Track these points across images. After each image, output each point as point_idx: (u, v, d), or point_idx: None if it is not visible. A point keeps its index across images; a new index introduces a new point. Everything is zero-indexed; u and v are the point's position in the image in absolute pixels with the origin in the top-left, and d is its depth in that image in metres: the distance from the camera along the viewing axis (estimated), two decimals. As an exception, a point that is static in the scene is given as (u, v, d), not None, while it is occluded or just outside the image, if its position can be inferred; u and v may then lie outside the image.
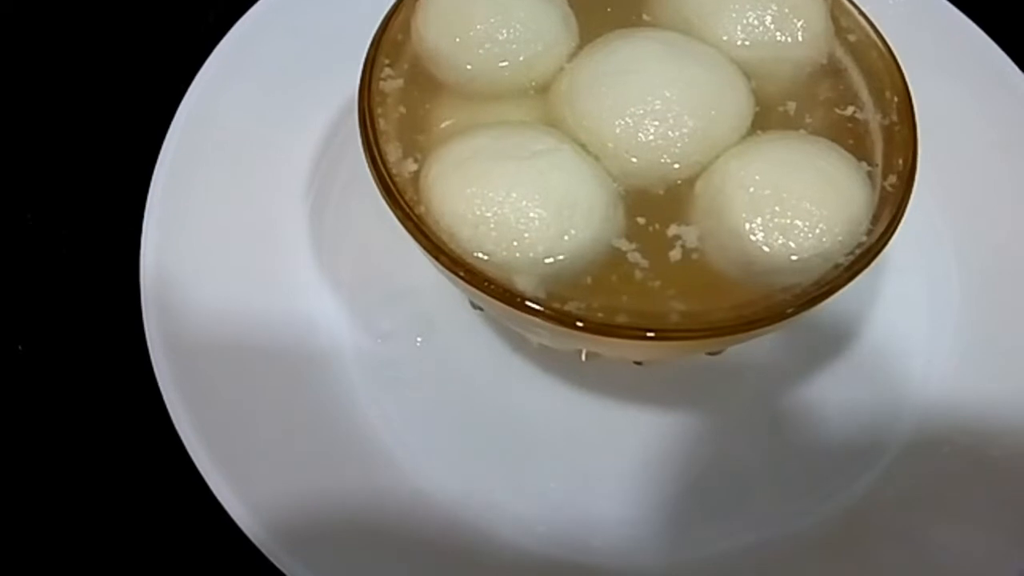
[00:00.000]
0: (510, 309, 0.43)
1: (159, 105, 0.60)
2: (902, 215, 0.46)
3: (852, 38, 0.53)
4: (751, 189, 0.46)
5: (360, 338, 0.57)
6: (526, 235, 0.44)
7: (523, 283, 0.44)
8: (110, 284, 0.58)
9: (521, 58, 0.50)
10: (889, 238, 0.45)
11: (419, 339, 0.58)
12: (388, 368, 0.57)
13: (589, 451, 0.55)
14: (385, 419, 0.55)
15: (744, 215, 0.45)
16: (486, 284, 0.43)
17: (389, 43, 0.51)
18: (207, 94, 0.60)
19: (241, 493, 0.49)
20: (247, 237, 0.58)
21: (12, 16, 0.70)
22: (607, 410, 0.56)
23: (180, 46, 0.66)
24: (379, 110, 0.49)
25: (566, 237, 0.44)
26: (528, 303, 0.43)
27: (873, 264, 0.45)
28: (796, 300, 0.44)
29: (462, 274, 0.44)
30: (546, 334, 0.46)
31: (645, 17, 0.54)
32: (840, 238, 0.45)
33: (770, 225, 0.45)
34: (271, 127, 0.61)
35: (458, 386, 0.57)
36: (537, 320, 0.43)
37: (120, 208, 0.59)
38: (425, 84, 0.51)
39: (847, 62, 0.53)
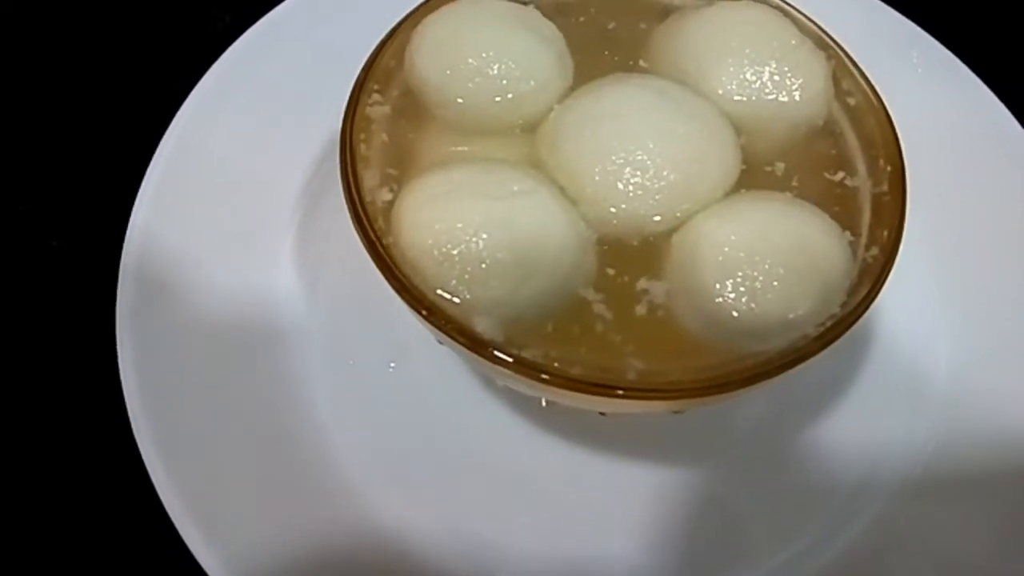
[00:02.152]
0: (464, 350, 0.43)
1: (156, 107, 0.60)
2: (879, 290, 0.45)
3: (852, 101, 0.52)
4: (725, 249, 0.45)
5: (335, 362, 0.56)
6: (489, 277, 0.43)
7: (482, 325, 0.43)
8: (87, 297, 0.57)
9: (511, 95, 0.50)
10: (862, 313, 0.44)
11: (392, 364, 0.58)
12: (359, 390, 0.56)
13: (572, 499, 0.55)
14: (354, 448, 0.54)
15: (715, 275, 0.44)
16: (443, 323, 0.43)
17: (380, 69, 0.50)
18: (201, 109, 0.60)
19: (202, 524, 0.48)
20: (226, 254, 0.57)
21: (12, 16, 0.71)
22: (575, 455, 0.55)
23: (182, 50, 0.66)
24: (362, 135, 0.48)
25: (531, 282, 0.44)
26: (482, 346, 0.42)
27: (844, 336, 0.43)
28: (757, 369, 0.43)
29: (421, 311, 0.43)
30: (504, 377, 0.46)
31: (642, 63, 0.53)
32: (812, 308, 0.44)
33: (740, 288, 0.44)
34: (261, 149, 0.61)
35: (428, 419, 0.56)
36: (488, 363, 0.42)
37: (102, 217, 0.59)
38: (412, 114, 0.51)
39: (844, 125, 0.52)
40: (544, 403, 0.55)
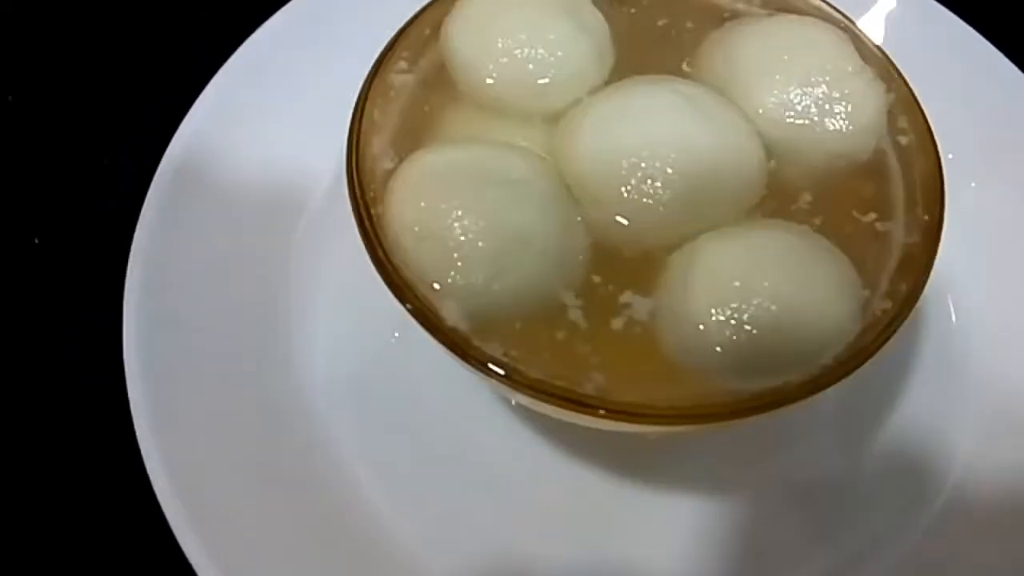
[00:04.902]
0: (425, 332, 0.42)
1: (157, 109, 0.60)
2: (875, 350, 0.41)
3: (903, 140, 0.48)
4: (720, 277, 0.42)
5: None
6: (462, 263, 0.42)
7: (449, 310, 0.42)
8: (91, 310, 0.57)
9: (539, 82, 0.48)
10: (849, 373, 0.40)
11: (396, 335, 0.57)
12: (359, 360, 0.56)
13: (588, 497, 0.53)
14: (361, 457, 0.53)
15: (703, 302, 0.42)
16: (407, 301, 0.42)
17: (413, 36, 0.50)
18: (210, 114, 0.59)
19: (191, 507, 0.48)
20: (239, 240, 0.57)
21: (12, 16, 0.72)
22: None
23: (184, 52, 0.66)
24: (379, 100, 0.48)
25: (508, 276, 0.42)
26: (440, 331, 0.41)
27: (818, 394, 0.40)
28: (725, 408, 0.40)
29: (393, 289, 0.42)
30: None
31: (686, 67, 0.50)
32: (800, 355, 0.41)
33: (726, 321, 0.41)
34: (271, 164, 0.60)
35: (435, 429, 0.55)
36: (444, 349, 0.41)
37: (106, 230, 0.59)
38: (439, 87, 0.50)
39: (889, 165, 0.48)
40: (513, 402, 0.53)
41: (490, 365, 0.41)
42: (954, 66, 0.62)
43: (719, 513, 0.53)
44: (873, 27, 0.59)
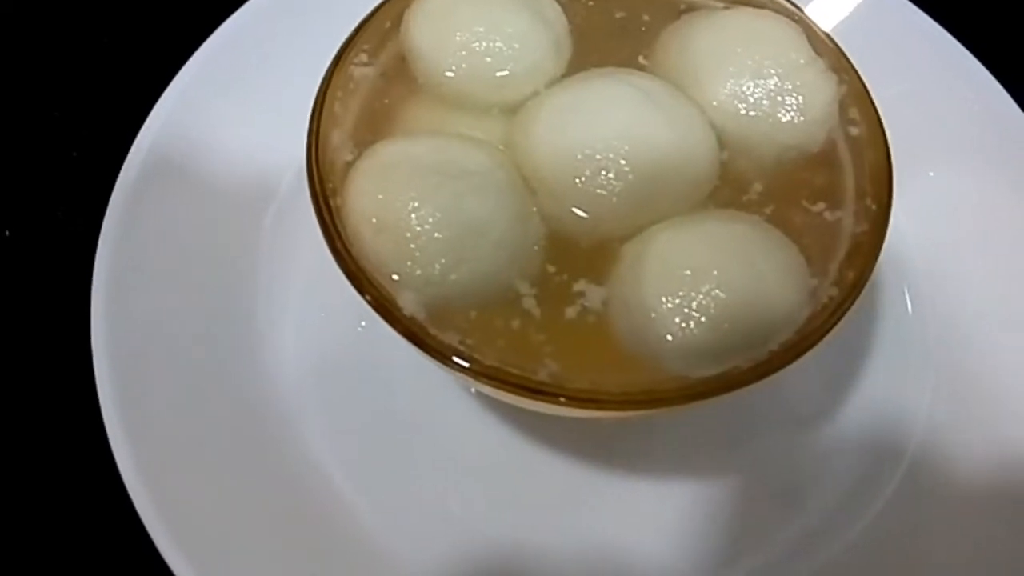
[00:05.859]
0: (383, 322, 0.43)
1: (124, 102, 0.61)
2: (821, 336, 0.42)
3: (855, 131, 0.49)
4: (670, 265, 0.43)
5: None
6: (419, 253, 0.43)
7: (406, 300, 0.43)
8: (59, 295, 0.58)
9: (497, 74, 0.49)
10: (790, 361, 0.42)
11: (363, 324, 0.58)
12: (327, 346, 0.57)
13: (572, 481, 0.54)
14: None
15: (654, 290, 0.43)
16: (364, 292, 0.43)
17: (374, 28, 0.50)
18: (178, 106, 0.60)
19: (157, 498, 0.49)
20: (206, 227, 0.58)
21: (12, 16, 0.72)
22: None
23: (151, 44, 0.67)
24: (339, 92, 0.48)
25: (464, 266, 0.43)
26: (397, 321, 0.42)
27: (766, 380, 0.41)
28: (674, 394, 0.41)
29: (351, 279, 0.43)
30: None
31: (642, 60, 0.51)
32: (748, 341, 0.42)
33: (676, 309, 0.42)
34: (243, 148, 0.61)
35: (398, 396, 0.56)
36: (402, 338, 0.42)
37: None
38: (399, 79, 0.50)
39: (839, 156, 0.48)
40: (472, 389, 0.54)
41: (446, 354, 0.41)
42: (908, 53, 0.63)
43: (690, 494, 0.54)
44: (825, 15, 0.59)
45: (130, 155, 0.58)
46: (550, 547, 0.52)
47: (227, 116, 0.61)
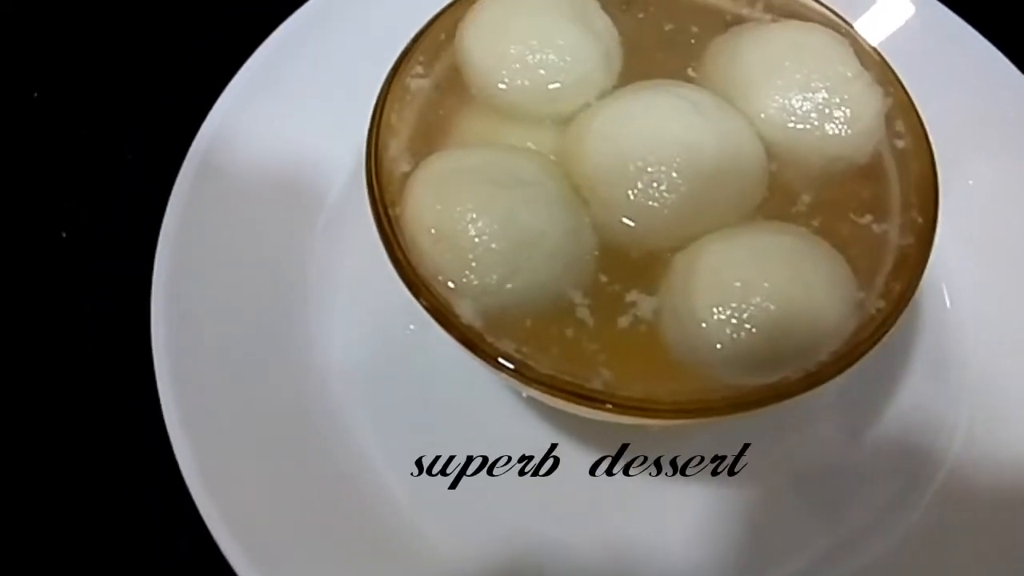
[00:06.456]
0: (440, 329, 0.44)
1: (179, 106, 0.62)
2: (868, 349, 0.43)
3: (900, 144, 0.49)
4: (721, 276, 0.44)
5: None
6: (478, 264, 0.44)
7: (463, 308, 0.44)
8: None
9: (549, 87, 0.50)
10: (839, 372, 0.43)
11: (411, 327, 0.59)
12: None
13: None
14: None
15: (705, 300, 0.44)
16: (424, 299, 0.44)
17: (429, 41, 0.51)
18: (229, 116, 0.61)
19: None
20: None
21: (12, 16, 0.73)
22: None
23: (206, 49, 0.68)
24: (396, 104, 0.50)
25: (520, 276, 0.44)
26: (455, 328, 0.43)
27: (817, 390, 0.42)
28: (725, 403, 0.42)
29: (410, 287, 0.44)
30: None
31: (691, 72, 0.52)
32: (798, 352, 0.43)
33: (727, 319, 0.43)
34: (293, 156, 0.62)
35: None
36: (458, 345, 0.43)
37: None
38: (453, 91, 0.51)
39: (886, 168, 0.49)
40: (524, 395, 0.55)
41: (502, 361, 0.43)
42: (951, 63, 0.63)
43: (725, 497, 0.55)
44: (872, 28, 0.60)
45: (186, 160, 0.59)
46: (581, 545, 0.53)
47: (279, 122, 0.62)
